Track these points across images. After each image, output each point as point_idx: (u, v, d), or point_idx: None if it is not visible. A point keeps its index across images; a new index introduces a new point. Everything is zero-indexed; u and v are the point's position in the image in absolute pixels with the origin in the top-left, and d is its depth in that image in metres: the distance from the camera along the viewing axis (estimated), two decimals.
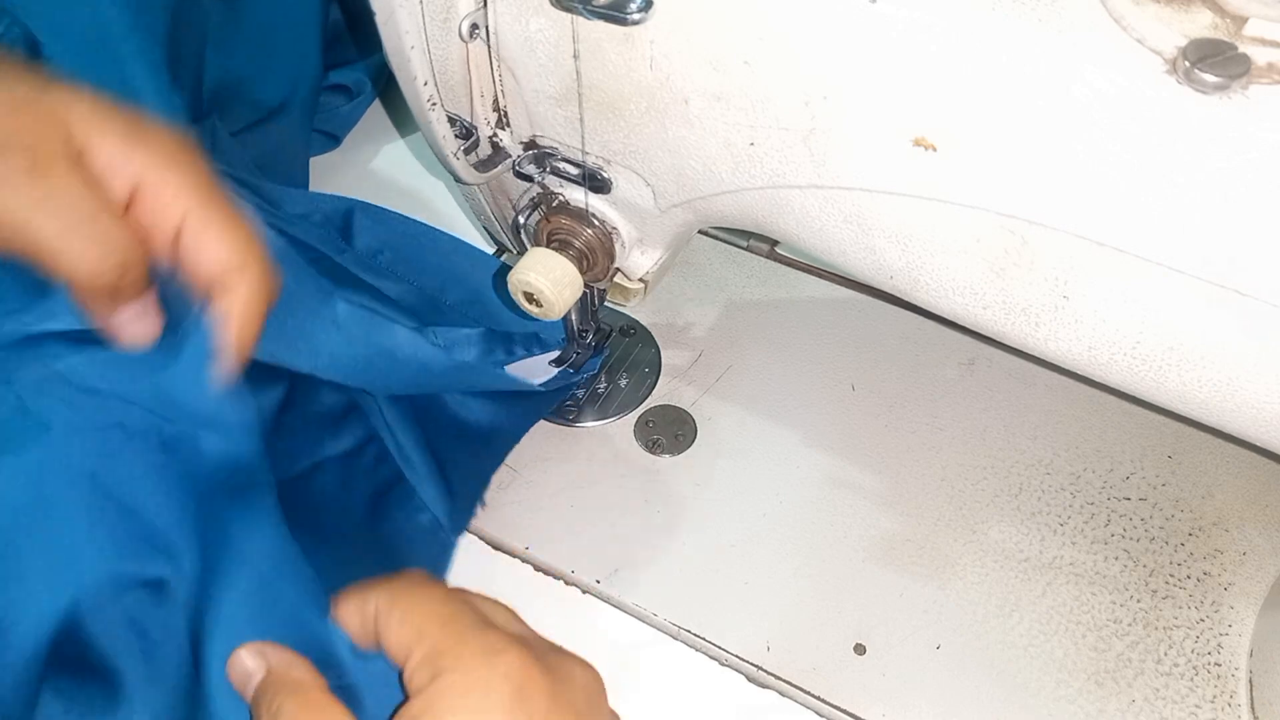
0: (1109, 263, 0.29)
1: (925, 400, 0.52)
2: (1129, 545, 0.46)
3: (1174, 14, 0.26)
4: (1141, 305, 0.29)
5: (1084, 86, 0.26)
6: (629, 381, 0.52)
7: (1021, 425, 0.51)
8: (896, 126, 0.30)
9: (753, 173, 0.34)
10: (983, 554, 0.46)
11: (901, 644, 0.43)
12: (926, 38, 0.28)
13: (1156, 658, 0.43)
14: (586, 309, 0.48)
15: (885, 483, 0.49)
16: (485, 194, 0.45)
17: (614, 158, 0.37)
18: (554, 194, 0.41)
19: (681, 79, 0.32)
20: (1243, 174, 0.25)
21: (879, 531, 0.47)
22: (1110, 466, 0.49)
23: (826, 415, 0.51)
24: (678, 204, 0.38)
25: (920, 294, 0.34)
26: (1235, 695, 0.42)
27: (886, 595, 0.44)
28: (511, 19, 0.34)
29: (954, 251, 0.32)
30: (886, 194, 0.31)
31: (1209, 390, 0.30)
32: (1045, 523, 0.47)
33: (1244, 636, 0.43)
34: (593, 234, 0.41)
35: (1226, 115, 0.25)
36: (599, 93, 0.34)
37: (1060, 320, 0.31)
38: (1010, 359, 0.53)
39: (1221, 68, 0.24)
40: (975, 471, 0.49)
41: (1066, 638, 0.43)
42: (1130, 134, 0.26)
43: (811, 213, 0.34)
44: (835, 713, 0.41)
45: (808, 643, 0.43)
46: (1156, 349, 0.30)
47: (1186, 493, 0.48)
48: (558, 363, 0.50)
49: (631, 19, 0.31)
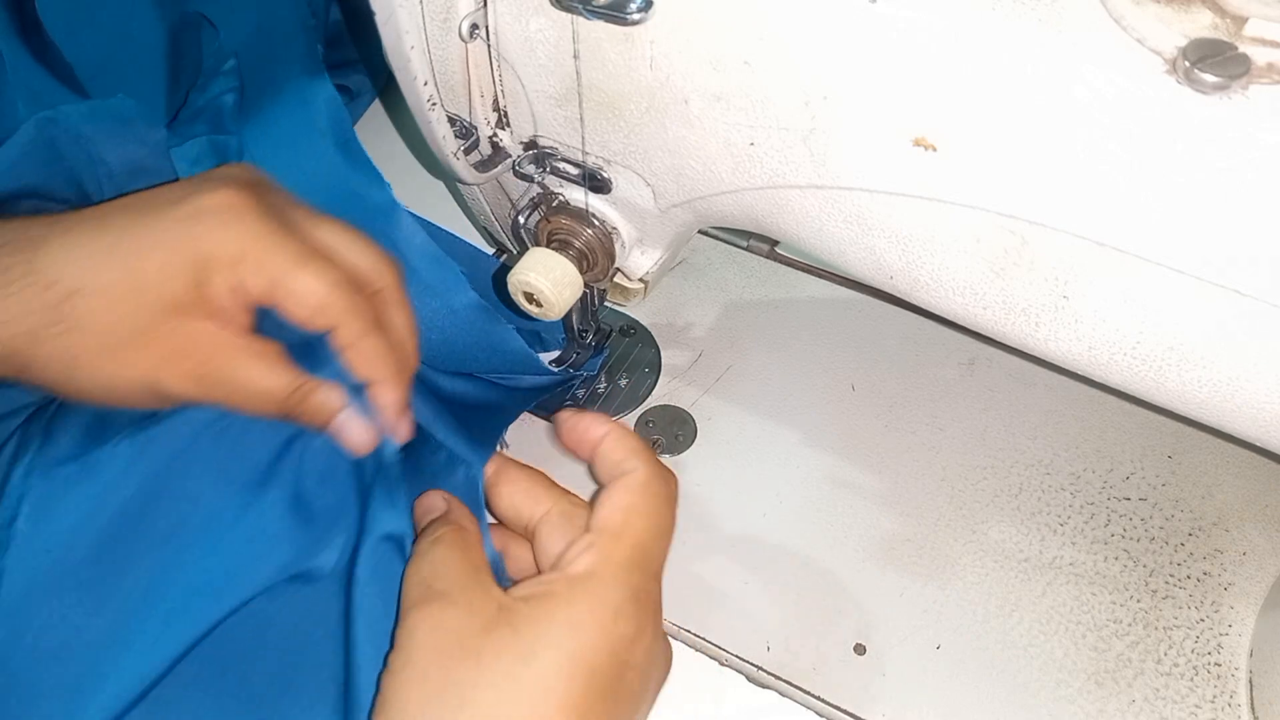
0: (1109, 263, 0.29)
1: (925, 400, 0.52)
2: (1129, 545, 0.46)
3: (1174, 14, 0.26)
4: (1141, 305, 0.29)
5: (1084, 86, 0.26)
6: (629, 381, 0.52)
7: (1021, 425, 0.51)
8: (896, 126, 0.30)
9: (753, 173, 0.34)
10: (983, 554, 0.46)
11: (901, 644, 0.43)
12: (926, 38, 0.28)
13: (1156, 658, 0.43)
14: (586, 309, 0.48)
15: (885, 483, 0.49)
16: (485, 194, 0.45)
17: (614, 158, 0.37)
18: (554, 194, 0.41)
19: (681, 79, 0.32)
20: (1243, 174, 0.25)
21: (879, 531, 0.47)
22: (1110, 466, 0.49)
23: (826, 415, 0.51)
24: (678, 204, 0.38)
25: (920, 294, 0.34)
26: (1235, 695, 0.42)
27: (886, 595, 0.44)
28: (511, 19, 0.34)
29: (954, 251, 0.32)
30: (886, 194, 0.31)
31: (1209, 390, 0.30)
32: (1045, 523, 0.47)
33: (1244, 636, 0.43)
34: (593, 234, 0.41)
35: (1226, 115, 0.25)
36: (599, 93, 0.34)
37: (1060, 320, 0.31)
38: (1010, 359, 0.53)
39: (1221, 68, 0.24)
40: (975, 471, 0.49)
41: (1066, 638, 0.43)
42: (1130, 134, 0.26)
43: (811, 213, 0.34)
44: (835, 713, 0.41)
45: (808, 643, 0.43)
46: (1156, 349, 0.30)
47: (1186, 493, 0.48)
48: (558, 363, 0.50)
49: (631, 19, 0.31)
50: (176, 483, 0.35)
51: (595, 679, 0.29)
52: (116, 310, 0.32)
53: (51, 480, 0.33)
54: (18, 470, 0.33)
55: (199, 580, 0.35)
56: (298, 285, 0.33)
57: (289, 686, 0.35)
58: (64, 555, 0.33)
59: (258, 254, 0.33)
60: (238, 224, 0.33)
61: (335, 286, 0.34)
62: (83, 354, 0.32)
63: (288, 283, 0.33)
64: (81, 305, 0.32)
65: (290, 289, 0.33)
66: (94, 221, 0.33)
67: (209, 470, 0.35)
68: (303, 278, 0.33)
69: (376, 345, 0.35)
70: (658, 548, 0.33)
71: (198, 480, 0.35)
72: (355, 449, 0.36)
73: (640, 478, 0.34)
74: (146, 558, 0.34)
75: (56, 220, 0.33)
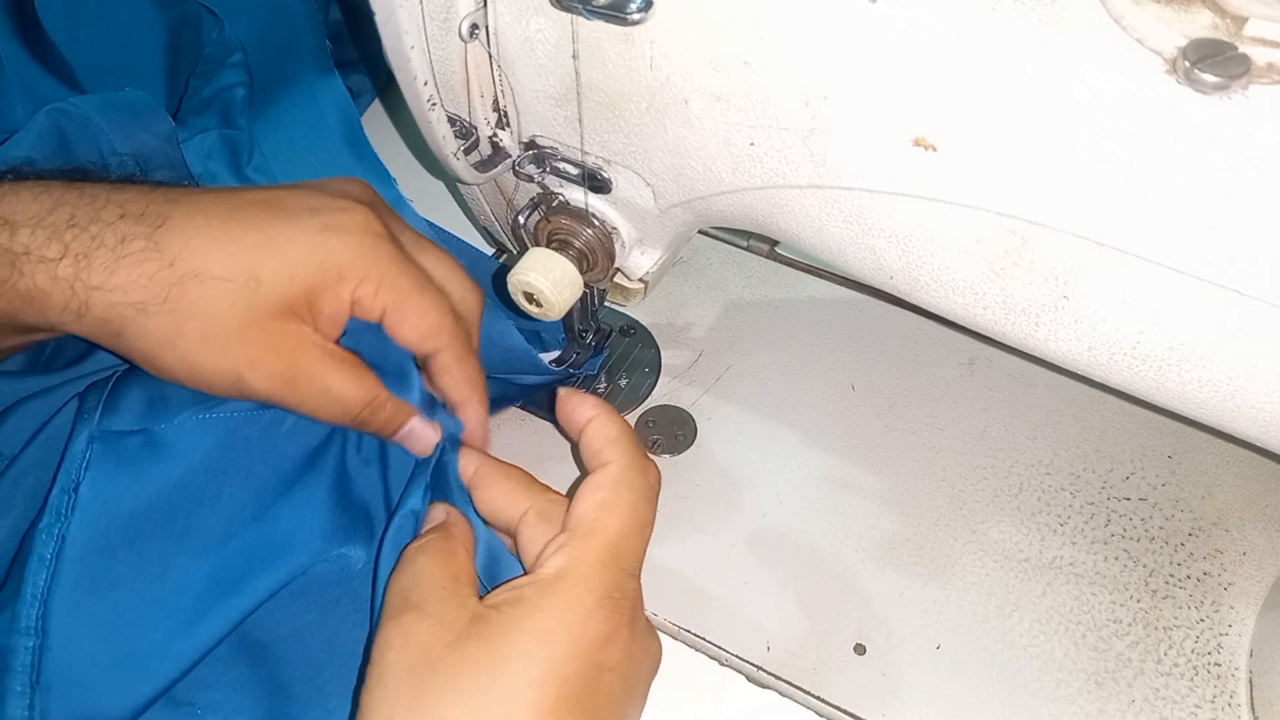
0: (1109, 263, 0.29)
1: (925, 400, 0.52)
2: (1129, 545, 0.46)
3: (1174, 14, 0.26)
4: (1141, 305, 0.29)
5: (1084, 86, 0.26)
6: (629, 381, 0.52)
7: (1021, 425, 0.51)
8: (896, 126, 0.29)
9: (753, 173, 0.34)
10: (983, 554, 0.46)
11: (901, 644, 0.43)
12: (926, 38, 0.28)
13: (1156, 658, 0.43)
14: (586, 309, 0.48)
15: (885, 483, 0.49)
16: (485, 194, 0.45)
17: (614, 158, 0.37)
18: (554, 194, 0.41)
19: (681, 79, 0.32)
20: (1242, 174, 0.25)
21: (879, 531, 0.47)
22: (1110, 466, 0.49)
23: (826, 415, 0.51)
24: (678, 204, 0.38)
25: (920, 294, 0.34)
26: (1235, 695, 0.42)
27: (886, 595, 0.44)
28: (511, 19, 0.34)
29: (954, 251, 0.32)
30: (886, 194, 0.31)
31: (1209, 390, 0.30)
32: (1045, 523, 0.47)
33: (1244, 636, 0.43)
34: (593, 234, 0.41)
35: (1226, 115, 0.25)
36: (599, 93, 0.34)
37: (1060, 320, 0.31)
38: (1010, 359, 0.53)
39: (1221, 68, 0.24)
40: (975, 471, 0.49)
41: (1066, 638, 0.43)
42: (1130, 134, 0.26)
43: (811, 213, 0.34)
44: (835, 713, 0.41)
45: (808, 643, 0.43)
46: (1156, 349, 0.30)
47: (1186, 493, 0.48)
48: (558, 363, 0.50)
49: (631, 19, 0.31)
50: (233, 460, 0.36)
51: (567, 687, 0.29)
52: (229, 300, 0.33)
53: (114, 450, 0.34)
54: (79, 439, 0.34)
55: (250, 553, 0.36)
56: (416, 309, 0.36)
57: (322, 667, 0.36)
58: (126, 522, 0.34)
59: (390, 276, 0.35)
60: (372, 245, 0.35)
61: (446, 315, 0.37)
62: (181, 336, 0.33)
63: (408, 306, 0.35)
64: (195, 289, 0.32)
65: (409, 311, 0.35)
66: (222, 208, 0.34)
67: (262, 451, 0.36)
68: (422, 303, 0.36)
69: (471, 370, 0.38)
70: (633, 543, 0.33)
71: (252, 459, 0.36)
72: (419, 453, 0.38)
73: (614, 472, 0.34)
74: (203, 530, 0.35)
75: (179, 197, 0.34)
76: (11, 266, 0.31)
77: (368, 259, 0.35)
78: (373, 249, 0.35)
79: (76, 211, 0.32)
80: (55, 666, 0.32)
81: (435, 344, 0.37)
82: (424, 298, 0.36)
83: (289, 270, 0.33)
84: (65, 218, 0.32)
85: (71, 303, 0.32)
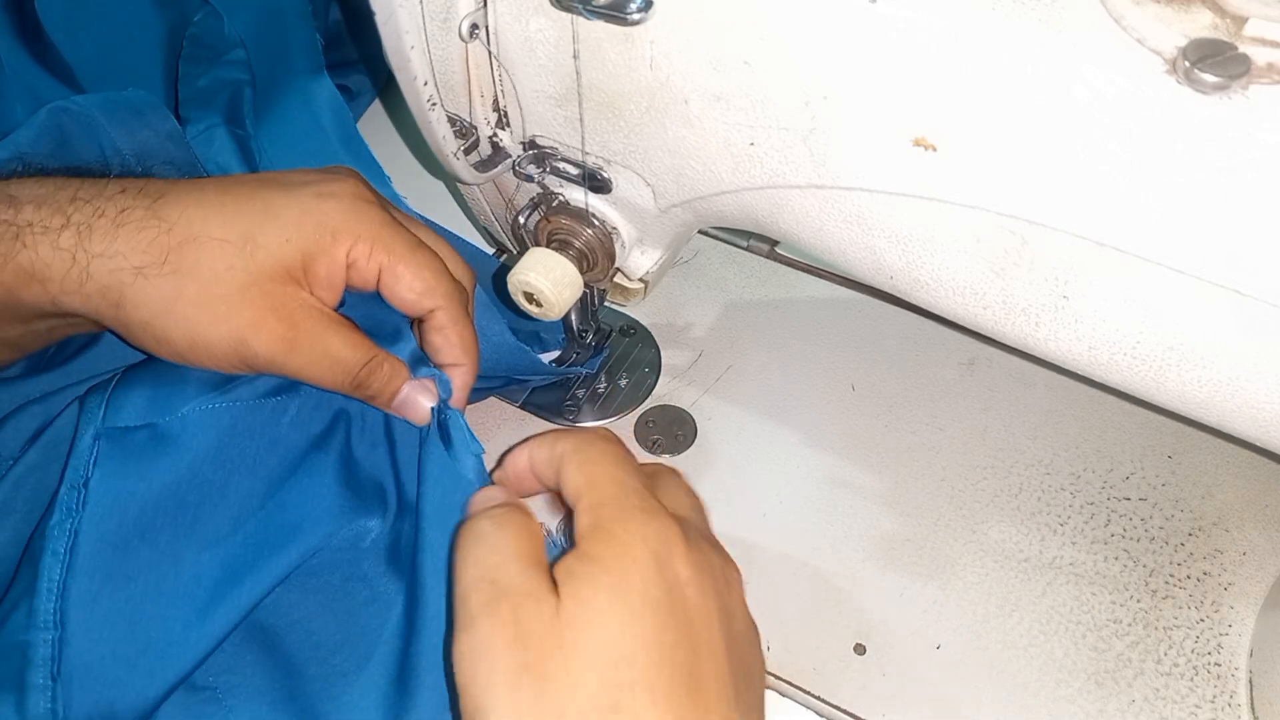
0: (1109, 263, 0.29)
1: (925, 400, 0.52)
2: (1129, 545, 0.46)
3: (1174, 14, 0.26)
4: (1141, 305, 0.29)
5: (1084, 86, 0.26)
6: (629, 381, 0.52)
7: (1021, 425, 0.51)
8: (896, 126, 0.30)
9: (753, 173, 0.34)
10: (983, 554, 0.46)
11: (901, 644, 0.43)
12: (926, 38, 0.28)
13: (1156, 658, 0.43)
14: (586, 309, 0.48)
15: (885, 483, 0.49)
16: (485, 194, 0.45)
17: (614, 158, 0.37)
18: (554, 194, 0.41)
19: (681, 79, 0.32)
20: (1242, 174, 0.25)
21: (879, 531, 0.47)
22: (1110, 466, 0.49)
23: (826, 415, 0.51)
24: (678, 204, 0.38)
25: (920, 294, 0.34)
26: (1235, 695, 0.42)
27: (886, 595, 0.44)
28: (511, 19, 0.34)
29: (954, 251, 0.32)
30: (886, 194, 0.31)
31: (1209, 390, 0.30)
32: (1045, 523, 0.47)
33: (1244, 636, 0.43)
34: (593, 234, 0.41)
35: (1226, 115, 0.25)
36: (599, 93, 0.34)
37: (1060, 320, 0.31)
38: (1010, 359, 0.53)
39: (1221, 68, 0.24)
40: (975, 471, 0.49)
41: (1066, 638, 0.43)
42: (1130, 134, 0.26)
43: (811, 213, 0.34)
44: (835, 713, 0.41)
45: (808, 643, 0.43)
46: (1156, 349, 0.30)
47: (1186, 493, 0.48)
48: (558, 363, 0.50)
49: (631, 19, 0.31)
50: (239, 449, 0.36)
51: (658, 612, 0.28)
52: (227, 262, 0.33)
53: (121, 445, 0.34)
54: (84, 437, 0.34)
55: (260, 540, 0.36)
56: (411, 266, 0.36)
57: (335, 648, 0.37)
58: (138, 515, 0.34)
59: (383, 236, 0.36)
60: (365, 209, 0.36)
61: (442, 273, 0.37)
62: (180, 300, 0.33)
63: (403, 264, 0.36)
64: (194, 251, 0.33)
65: (405, 268, 0.36)
66: (218, 183, 0.36)
67: (267, 440, 0.37)
68: (417, 260, 0.36)
69: (466, 332, 0.39)
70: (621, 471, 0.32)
71: (257, 448, 0.37)
72: (417, 421, 0.38)
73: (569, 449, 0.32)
74: (213, 519, 0.35)
75: (177, 180, 0.36)
76: (15, 239, 0.32)
77: (361, 220, 0.36)
78: (365, 212, 0.36)
79: (80, 190, 0.33)
80: (75, 659, 0.32)
81: (432, 301, 0.37)
82: (419, 254, 0.37)
83: (284, 233, 0.34)
84: (68, 195, 0.33)
85: (73, 271, 0.32)
